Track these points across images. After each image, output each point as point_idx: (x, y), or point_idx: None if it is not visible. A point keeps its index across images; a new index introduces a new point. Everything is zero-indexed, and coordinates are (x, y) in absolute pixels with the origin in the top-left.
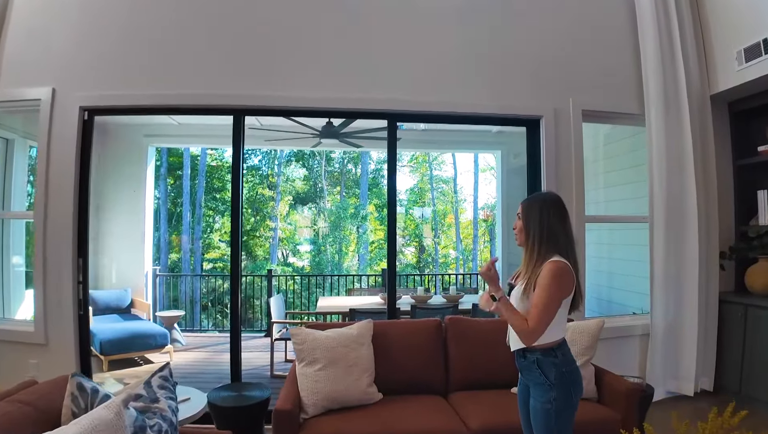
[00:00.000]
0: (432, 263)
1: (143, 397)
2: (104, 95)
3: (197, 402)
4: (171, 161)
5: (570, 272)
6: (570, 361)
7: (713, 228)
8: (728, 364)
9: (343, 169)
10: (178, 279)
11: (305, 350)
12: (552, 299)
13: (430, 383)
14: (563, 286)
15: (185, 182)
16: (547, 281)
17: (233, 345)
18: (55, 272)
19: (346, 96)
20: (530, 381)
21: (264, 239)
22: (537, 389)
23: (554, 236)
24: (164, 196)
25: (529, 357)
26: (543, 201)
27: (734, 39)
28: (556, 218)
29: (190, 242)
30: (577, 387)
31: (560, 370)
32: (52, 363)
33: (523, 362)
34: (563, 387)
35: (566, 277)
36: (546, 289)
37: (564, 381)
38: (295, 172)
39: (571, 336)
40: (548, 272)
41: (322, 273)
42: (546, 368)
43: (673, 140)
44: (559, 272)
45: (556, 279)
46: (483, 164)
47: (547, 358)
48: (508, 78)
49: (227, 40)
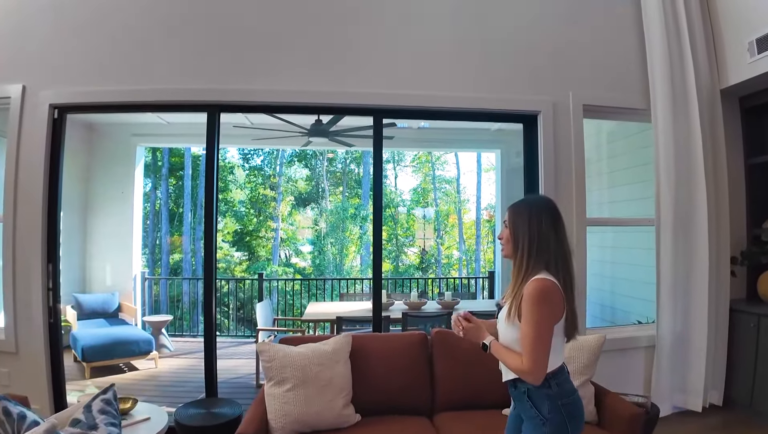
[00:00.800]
0: (435, 264)
1: (81, 423)
2: (75, 92)
3: (158, 422)
4: (173, 161)
5: (557, 291)
6: (567, 392)
7: (723, 231)
8: (739, 377)
9: (345, 169)
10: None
11: (274, 368)
12: (541, 328)
13: (414, 403)
14: (551, 309)
15: (186, 182)
16: (530, 306)
17: (207, 358)
18: (24, 278)
19: (329, 90)
20: (523, 413)
21: (266, 240)
22: (529, 423)
23: (545, 247)
24: (165, 196)
25: (519, 387)
26: (532, 206)
27: (745, 29)
28: (548, 226)
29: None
30: (576, 423)
31: (555, 403)
32: (23, 372)
33: (513, 392)
34: (558, 422)
35: (553, 297)
36: (531, 316)
37: (559, 416)
38: (297, 172)
39: (569, 353)
40: (530, 296)
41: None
42: (538, 400)
43: (681, 137)
44: (542, 295)
45: (541, 303)
46: (486, 163)
47: (540, 389)
48: (503, 70)
49: (203, 33)
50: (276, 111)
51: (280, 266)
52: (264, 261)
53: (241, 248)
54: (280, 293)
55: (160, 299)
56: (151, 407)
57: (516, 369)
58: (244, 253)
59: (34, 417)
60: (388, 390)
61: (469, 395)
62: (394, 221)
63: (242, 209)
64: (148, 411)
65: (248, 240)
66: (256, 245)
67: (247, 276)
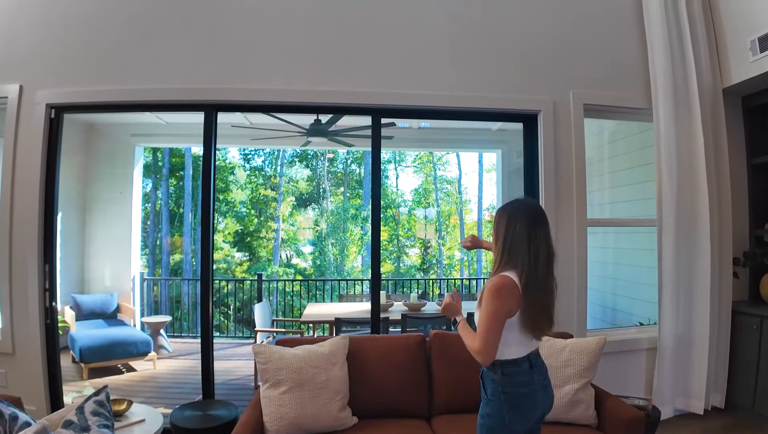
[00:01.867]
0: (436, 265)
1: (73, 425)
2: (72, 92)
3: (153, 424)
4: (173, 162)
5: (513, 286)
6: (514, 383)
7: (726, 232)
8: (741, 380)
9: (346, 169)
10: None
11: (269, 370)
12: (491, 317)
13: (412, 406)
14: (502, 303)
15: (187, 182)
16: (486, 298)
17: (204, 359)
18: (21, 278)
19: (328, 90)
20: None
21: (267, 240)
22: (482, 401)
23: (516, 248)
24: (166, 197)
25: (482, 369)
26: (511, 210)
27: (747, 27)
28: (522, 228)
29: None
30: (515, 414)
31: (497, 388)
32: (20, 372)
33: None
34: (497, 406)
35: (505, 291)
36: (485, 307)
37: (498, 401)
38: (298, 173)
39: (569, 356)
40: (487, 288)
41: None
42: (486, 381)
43: (683, 136)
44: (496, 288)
45: (494, 296)
46: (488, 164)
47: (488, 373)
48: (503, 70)
49: (200, 32)
50: (274, 110)
51: (281, 266)
52: (265, 262)
53: (242, 249)
54: (280, 294)
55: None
56: (147, 408)
57: (469, 347)
58: (245, 254)
59: (26, 418)
60: (386, 393)
61: (468, 398)
62: (395, 222)
63: (243, 210)
64: (143, 413)
65: (249, 241)
66: (257, 246)
67: (247, 277)
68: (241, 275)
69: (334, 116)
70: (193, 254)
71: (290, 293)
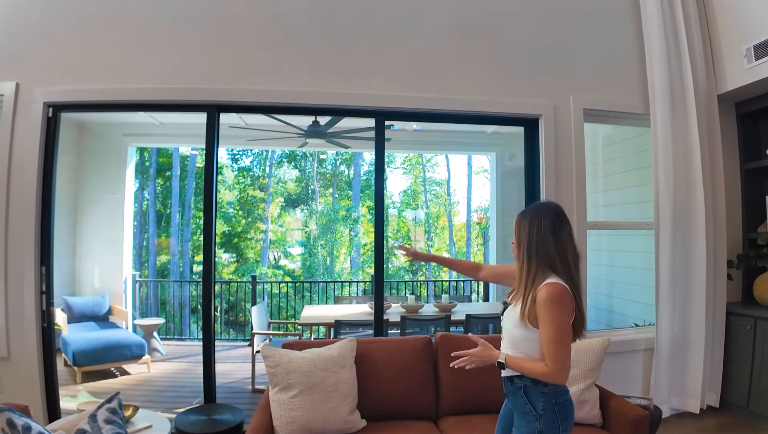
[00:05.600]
0: (425, 267)
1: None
2: (70, 90)
3: (160, 429)
4: (161, 162)
5: (568, 293)
6: (562, 392)
7: (720, 235)
8: (735, 380)
9: (335, 170)
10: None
11: (279, 374)
12: (563, 330)
13: (419, 407)
14: (567, 311)
15: (174, 183)
16: (548, 311)
17: (206, 362)
18: (17, 281)
19: (331, 92)
20: (516, 409)
21: (255, 242)
22: (521, 419)
23: (543, 250)
24: (153, 197)
25: (516, 383)
26: (534, 212)
27: (743, 35)
28: (547, 230)
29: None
30: (567, 422)
31: (549, 401)
32: (16, 377)
33: (509, 387)
34: (550, 420)
35: (566, 299)
36: (552, 320)
37: (552, 414)
38: (287, 173)
39: (574, 357)
40: (547, 300)
41: (311, 278)
42: (533, 397)
43: (679, 141)
44: (557, 298)
45: (558, 306)
46: (476, 166)
47: (537, 387)
48: (505, 74)
49: (202, 31)
50: (277, 112)
51: (270, 268)
52: (253, 263)
53: (229, 250)
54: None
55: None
56: (151, 414)
57: (542, 374)
58: (232, 255)
59: (40, 429)
60: (393, 395)
61: (474, 399)
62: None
63: (231, 211)
64: (148, 418)
65: (236, 242)
66: (245, 247)
67: (235, 279)
68: (229, 276)
69: (333, 117)
70: (181, 256)
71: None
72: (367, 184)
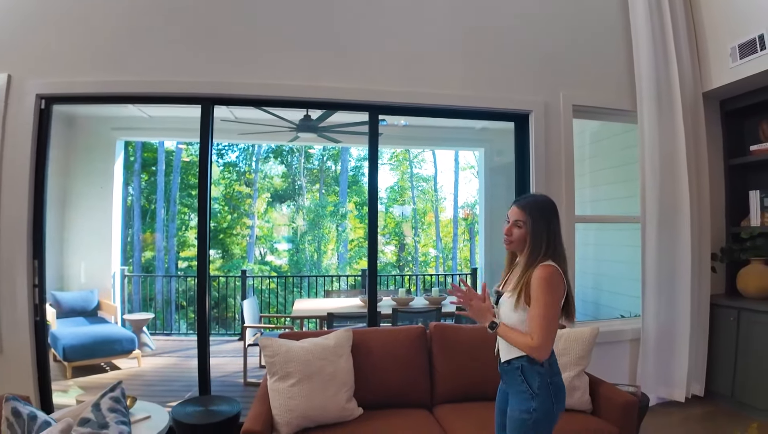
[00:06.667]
0: (412, 262)
1: (91, 422)
2: (63, 82)
3: (159, 420)
4: (145, 157)
5: (560, 275)
6: (556, 372)
7: (705, 229)
8: (720, 369)
9: (322, 166)
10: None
11: (277, 363)
12: (549, 308)
13: (415, 396)
14: (557, 291)
15: (159, 178)
16: (541, 290)
17: (201, 354)
18: (9, 274)
19: (325, 85)
20: (511, 389)
21: (241, 237)
22: (517, 397)
23: (557, 245)
24: (138, 192)
25: (513, 363)
26: (544, 208)
27: (728, 35)
28: (558, 226)
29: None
30: (560, 400)
31: (544, 380)
32: (9, 372)
33: (506, 367)
34: (545, 397)
35: (556, 280)
36: (542, 298)
37: (547, 392)
38: (274, 169)
39: (564, 345)
40: (541, 280)
41: (299, 273)
42: (530, 376)
43: (665, 138)
44: (550, 278)
45: (550, 285)
46: (463, 162)
47: (533, 366)
48: (498, 70)
49: (197, 23)
50: (271, 105)
51: (256, 264)
52: (239, 259)
53: (215, 246)
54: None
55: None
56: (150, 405)
57: (525, 345)
58: (218, 251)
59: (45, 418)
60: (389, 384)
61: (468, 387)
62: None
63: (216, 206)
64: (147, 410)
65: (222, 238)
66: (231, 243)
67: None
68: (214, 272)
69: (325, 111)
70: (166, 251)
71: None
72: (354, 180)
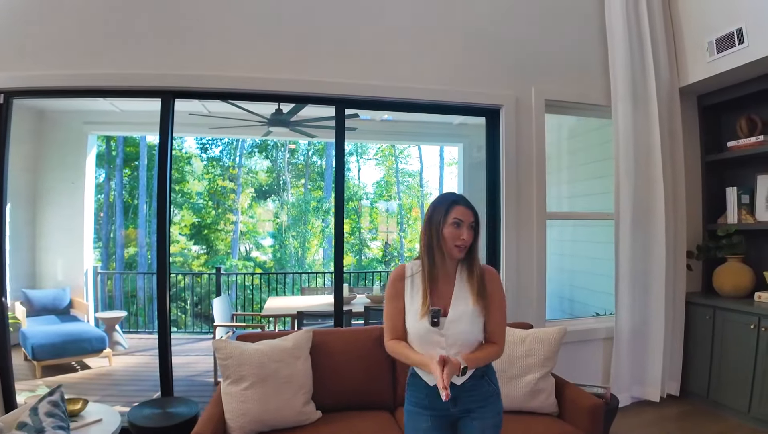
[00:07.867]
0: (398, 257)
1: (27, 426)
2: (22, 76)
3: (110, 423)
4: (128, 151)
5: None
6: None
7: (680, 226)
8: (695, 369)
9: (307, 161)
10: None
11: (231, 366)
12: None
13: (376, 397)
14: None
15: (142, 173)
16: (501, 293)
17: (162, 354)
18: None
19: (290, 78)
20: (477, 402)
21: (225, 233)
22: (488, 405)
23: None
24: (120, 187)
25: (477, 373)
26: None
27: (705, 29)
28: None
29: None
30: None
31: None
32: None
33: (468, 384)
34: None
35: None
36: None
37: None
38: (258, 164)
39: (530, 346)
40: (498, 283)
41: (280, 270)
42: (493, 376)
43: (640, 133)
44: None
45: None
46: (448, 158)
47: (489, 366)
48: (467, 64)
49: (158, 17)
50: (234, 98)
51: (240, 259)
52: (223, 255)
53: (199, 242)
54: (240, 287)
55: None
56: (103, 407)
57: (496, 355)
58: (202, 246)
59: None
60: (350, 385)
61: None
62: (357, 215)
63: (200, 201)
64: (100, 412)
65: (206, 233)
66: (215, 239)
67: (204, 271)
68: (198, 268)
69: (295, 105)
70: (148, 248)
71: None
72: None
